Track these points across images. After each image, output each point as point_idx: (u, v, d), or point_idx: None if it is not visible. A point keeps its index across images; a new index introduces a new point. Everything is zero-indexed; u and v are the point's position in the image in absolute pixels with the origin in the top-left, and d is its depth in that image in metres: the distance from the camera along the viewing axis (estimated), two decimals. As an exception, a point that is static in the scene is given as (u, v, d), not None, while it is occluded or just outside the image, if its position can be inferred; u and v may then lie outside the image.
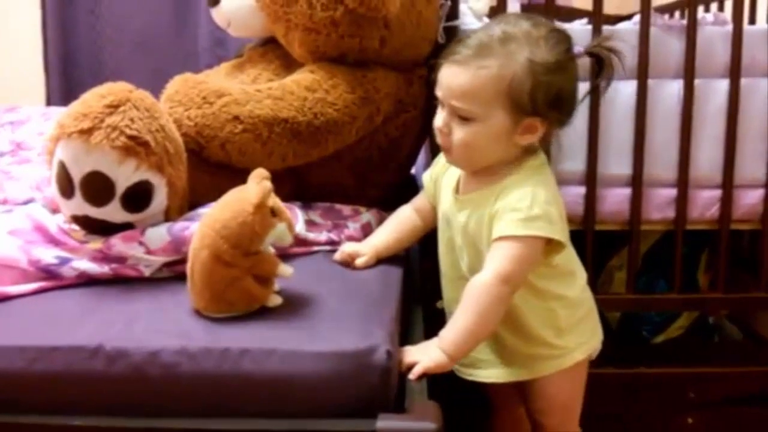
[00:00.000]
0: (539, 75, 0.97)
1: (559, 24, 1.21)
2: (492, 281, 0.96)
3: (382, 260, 1.13)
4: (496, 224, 0.99)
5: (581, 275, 1.14)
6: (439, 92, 1.02)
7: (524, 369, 1.10)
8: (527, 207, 0.98)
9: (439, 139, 1.04)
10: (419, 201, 1.19)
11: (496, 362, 1.11)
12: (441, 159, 1.16)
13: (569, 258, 1.11)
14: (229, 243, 0.88)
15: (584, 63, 1.09)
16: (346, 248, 1.13)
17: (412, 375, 0.90)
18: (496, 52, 0.98)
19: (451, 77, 1.00)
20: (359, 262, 1.11)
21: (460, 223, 1.07)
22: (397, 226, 1.18)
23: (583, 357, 1.12)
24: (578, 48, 1.04)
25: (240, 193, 0.92)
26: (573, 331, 1.10)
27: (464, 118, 0.99)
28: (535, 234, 0.97)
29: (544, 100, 0.99)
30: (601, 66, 1.07)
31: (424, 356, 0.93)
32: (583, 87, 1.08)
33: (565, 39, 1.03)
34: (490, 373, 1.11)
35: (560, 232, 1.00)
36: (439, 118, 1.03)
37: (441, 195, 1.13)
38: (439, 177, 1.14)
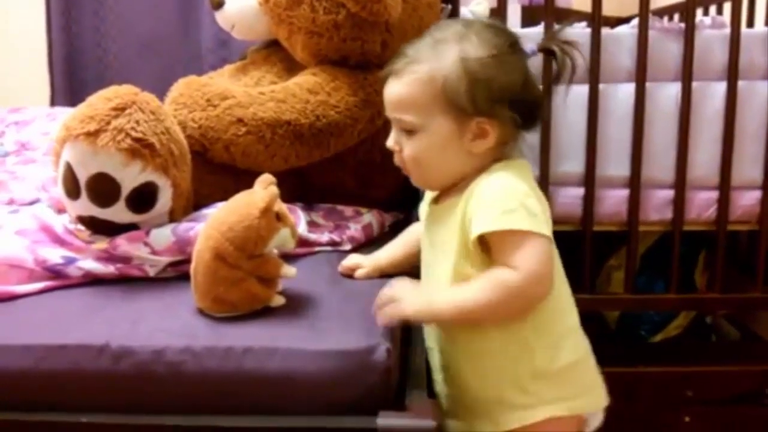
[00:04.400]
0: (475, 72, 0.90)
1: (558, 25, 1.19)
2: (523, 279, 0.85)
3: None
4: (476, 221, 0.88)
5: (567, 316, 0.97)
6: (386, 110, 0.97)
7: (487, 420, 0.94)
8: (504, 197, 0.88)
9: (395, 160, 0.98)
10: None
11: (463, 414, 0.97)
12: None
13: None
14: (234, 245, 0.90)
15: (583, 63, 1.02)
16: (347, 262, 1.10)
17: (383, 317, 0.87)
18: (426, 56, 0.92)
19: (388, 90, 0.95)
20: (359, 273, 1.08)
21: (428, 239, 1.01)
22: (405, 242, 1.13)
23: (562, 414, 0.92)
24: (531, 46, 0.97)
25: (247, 197, 0.93)
26: (550, 380, 0.92)
27: (409, 132, 0.94)
28: (512, 228, 0.86)
29: (486, 97, 0.90)
30: (557, 63, 0.97)
31: (407, 298, 0.89)
32: (581, 90, 1.06)
33: (503, 33, 0.95)
34: (456, 426, 0.97)
35: (545, 227, 0.88)
36: (391, 137, 0.97)
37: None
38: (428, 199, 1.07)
